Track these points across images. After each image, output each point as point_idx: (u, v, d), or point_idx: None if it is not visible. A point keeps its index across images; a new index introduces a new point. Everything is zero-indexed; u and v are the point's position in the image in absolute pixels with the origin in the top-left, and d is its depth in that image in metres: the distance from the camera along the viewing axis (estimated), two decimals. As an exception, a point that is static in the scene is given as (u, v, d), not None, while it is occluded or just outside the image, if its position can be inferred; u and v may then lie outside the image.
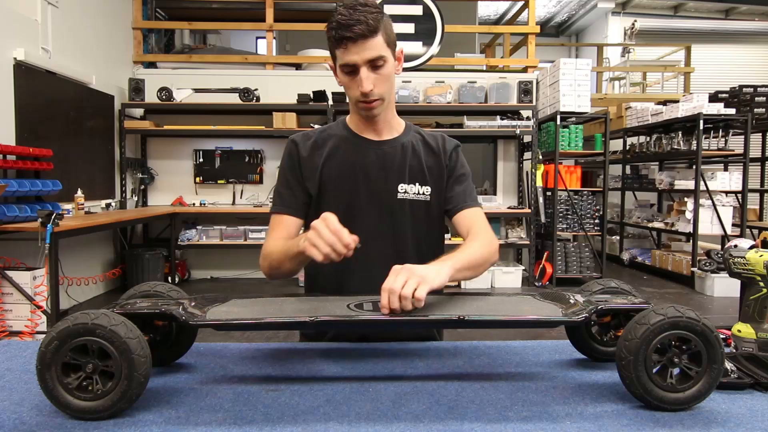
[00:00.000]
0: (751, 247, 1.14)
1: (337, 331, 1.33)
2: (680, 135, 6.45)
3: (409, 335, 1.34)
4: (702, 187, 6.02)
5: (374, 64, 1.23)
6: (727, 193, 6.26)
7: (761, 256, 1.10)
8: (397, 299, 0.95)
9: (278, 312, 0.98)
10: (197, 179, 6.47)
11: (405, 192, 1.34)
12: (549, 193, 6.26)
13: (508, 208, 6.42)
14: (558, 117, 6.03)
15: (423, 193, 1.36)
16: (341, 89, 1.33)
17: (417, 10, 6.31)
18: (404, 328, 1.40)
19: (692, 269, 6.02)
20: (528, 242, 6.30)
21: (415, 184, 1.35)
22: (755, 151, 7.00)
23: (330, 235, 1.04)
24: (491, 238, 1.31)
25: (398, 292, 0.95)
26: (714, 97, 7.06)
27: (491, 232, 1.34)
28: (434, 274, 1.02)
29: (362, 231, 1.27)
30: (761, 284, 1.10)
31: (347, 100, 1.31)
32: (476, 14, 9.27)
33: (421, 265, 1.04)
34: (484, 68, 6.92)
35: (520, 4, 8.52)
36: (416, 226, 1.36)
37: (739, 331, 1.11)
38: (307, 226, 1.38)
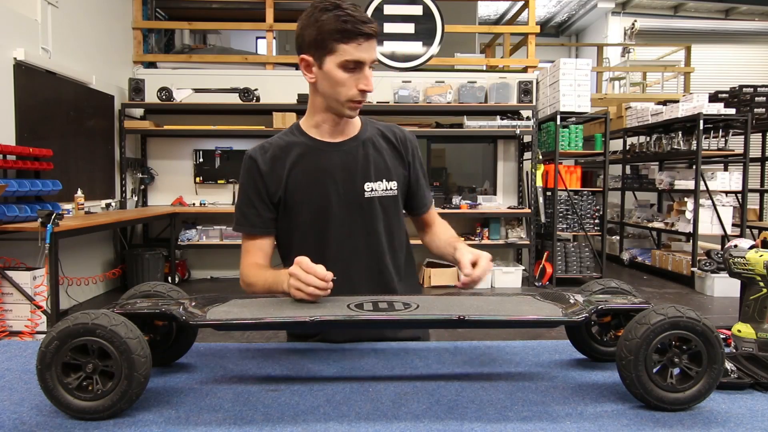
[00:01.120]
0: (751, 247, 1.14)
1: (326, 333, 1.33)
2: (680, 135, 6.45)
3: (399, 336, 1.35)
4: (702, 187, 6.02)
5: (371, 66, 1.24)
6: (727, 193, 6.26)
7: (761, 256, 1.10)
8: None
9: (278, 312, 0.98)
10: (197, 179, 6.47)
11: (372, 190, 1.34)
12: (549, 193, 6.26)
13: (508, 208, 6.42)
14: (558, 117, 6.03)
15: (391, 189, 1.36)
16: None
17: (417, 10, 6.31)
18: (404, 328, 1.40)
19: (692, 269, 6.02)
20: (528, 242, 6.30)
21: (381, 181, 1.35)
22: (755, 151, 7.00)
23: (308, 277, 1.07)
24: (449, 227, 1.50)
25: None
26: (714, 97, 7.06)
27: (445, 222, 1.51)
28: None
29: (336, 233, 1.30)
30: (761, 284, 1.10)
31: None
32: (476, 14, 9.27)
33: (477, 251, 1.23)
34: (484, 68, 6.92)
35: (520, 4, 8.53)
36: (387, 222, 1.37)
37: (739, 331, 1.11)
38: (280, 238, 1.40)
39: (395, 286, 1.38)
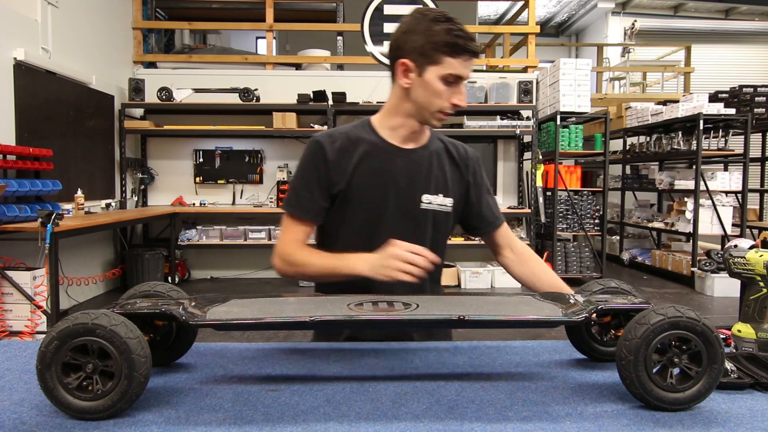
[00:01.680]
0: (751, 247, 1.14)
1: (353, 332, 1.33)
2: (680, 135, 6.45)
3: (425, 336, 1.34)
4: (702, 187, 6.02)
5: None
6: (727, 193, 6.26)
7: (761, 256, 1.10)
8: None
9: (278, 312, 0.98)
10: (197, 179, 6.47)
11: (429, 203, 1.34)
12: (549, 193, 6.26)
13: (508, 208, 6.41)
14: (558, 117, 6.03)
15: (446, 205, 1.36)
16: (341, 89, 1.33)
17: (417, 10, 6.30)
18: (404, 328, 1.40)
19: (692, 269, 6.02)
20: (528, 242, 6.30)
21: (438, 195, 1.35)
22: (755, 151, 7.00)
23: (415, 257, 1.13)
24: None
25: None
26: (714, 97, 7.06)
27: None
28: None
29: (386, 237, 1.28)
30: (761, 284, 1.09)
31: (352, 99, 1.28)
32: (476, 14, 9.27)
33: None
34: (484, 68, 6.92)
35: (520, 4, 8.52)
36: (436, 236, 1.37)
37: (739, 331, 1.11)
38: (326, 227, 1.36)
39: (427, 283, 1.38)
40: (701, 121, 5.91)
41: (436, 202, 1.35)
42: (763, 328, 1.09)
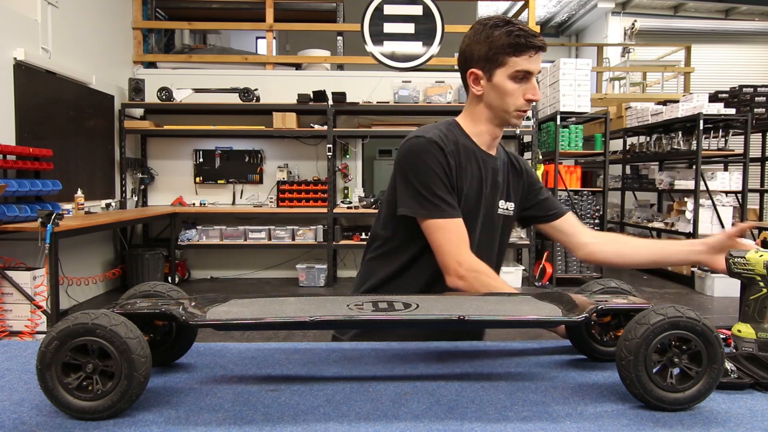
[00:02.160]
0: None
1: (378, 332, 1.34)
2: (680, 135, 6.45)
3: (455, 335, 1.34)
4: (702, 187, 6.02)
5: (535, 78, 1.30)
6: (727, 193, 6.26)
7: (761, 256, 1.09)
8: None
9: (278, 312, 0.98)
10: (197, 179, 6.47)
11: (505, 208, 1.41)
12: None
13: (508, 208, 6.41)
14: (558, 117, 6.03)
15: (510, 209, 1.43)
16: (341, 89, 1.34)
17: (417, 10, 6.31)
18: (403, 328, 1.40)
19: (692, 269, 6.02)
20: (528, 242, 6.30)
21: (506, 201, 1.42)
22: (755, 151, 7.00)
23: None
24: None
25: None
26: (714, 97, 7.06)
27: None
28: None
29: (476, 241, 1.33)
30: (761, 284, 1.09)
31: (352, 99, 1.30)
32: (476, 14, 9.27)
33: None
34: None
35: (520, 4, 8.52)
36: (503, 239, 1.43)
37: (739, 331, 1.11)
38: (411, 235, 1.31)
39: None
40: (701, 121, 5.91)
41: (505, 207, 1.41)
42: (763, 328, 1.09)
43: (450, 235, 1.25)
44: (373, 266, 1.42)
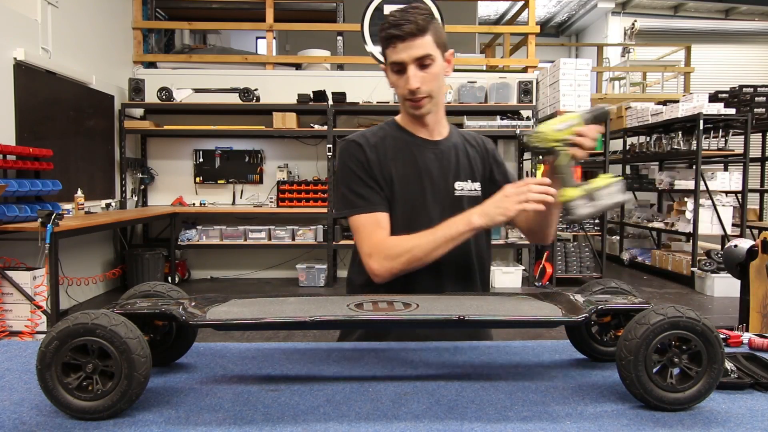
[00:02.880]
0: (751, 247, 1.15)
1: (384, 333, 1.34)
2: (680, 135, 6.45)
3: (459, 335, 1.34)
4: (702, 187, 6.02)
5: (422, 63, 1.27)
6: (727, 193, 6.26)
7: (548, 125, 1.19)
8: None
9: (278, 312, 0.98)
10: (197, 179, 6.47)
11: (461, 189, 1.40)
12: (549, 193, 6.25)
13: (508, 208, 6.41)
14: (558, 117, 6.03)
15: (476, 189, 1.42)
16: (341, 89, 1.36)
17: (417, 10, 6.30)
18: (403, 328, 1.40)
19: (692, 269, 6.02)
20: (528, 242, 6.30)
21: (467, 181, 1.41)
22: (755, 151, 7.00)
23: (532, 185, 1.17)
24: None
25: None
26: (714, 97, 7.06)
27: None
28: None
29: (426, 228, 1.30)
30: (560, 148, 1.18)
31: (351, 99, 1.33)
32: (476, 14, 9.27)
33: None
34: (484, 68, 6.92)
35: (520, 4, 8.52)
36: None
37: (563, 195, 1.18)
38: None
39: (478, 284, 1.41)
40: (701, 121, 5.91)
41: (467, 188, 1.40)
42: (577, 185, 1.18)
43: (363, 232, 1.31)
44: (351, 278, 1.46)
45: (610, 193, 1.15)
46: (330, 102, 6.05)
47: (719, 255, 5.73)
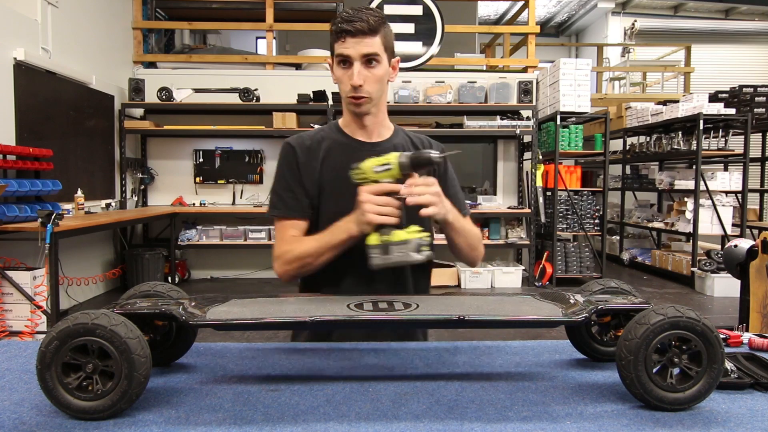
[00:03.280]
0: (751, 247, 1.14)
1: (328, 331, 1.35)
2: (680, 135, 6.45)
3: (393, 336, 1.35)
4: (702, 187, 6.02)
5: (368, 61, 1.27)
6: (727, 193, 6.26)
7: (368, 162, 1.16)
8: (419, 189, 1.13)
9: (278, 312, 0.98)
10: (197, 179, 6.47)
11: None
12: (549, 193, 6.26)
13: (508, 208, 6.42)
14: (558, 117, 6.03)
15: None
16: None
17: (417, 10, 6.31)
18: (403, 328, 1.41)
19: (692, 269, 6.02)
20: (528, 242, 6.30)
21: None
22: (755, 151, 7.01)
23: (388, 200, 1.14)
24: (481, 241, 1.45)
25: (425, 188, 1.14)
26: (714, 97, 7.06)
27: (479, 231, 1.47)
28: (448, 205, 1.22)
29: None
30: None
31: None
32: (476, 14, 9.27)
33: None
34: (484, 68, 6.92)
35: (520, 4, 8.53)
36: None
37: (368, 239, 1.15)
38: (311, 231, 1.38)
39: (410, 288, 1.40)
40: (701, 121, 5.91)
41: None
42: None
43: (277, 235, 1.37)
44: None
45: (402, 251, 1.10)
46: (330, 102, 6.05)
47: (719, 255, 5.73)
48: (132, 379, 0.81)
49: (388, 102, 6.08)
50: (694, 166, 6.12)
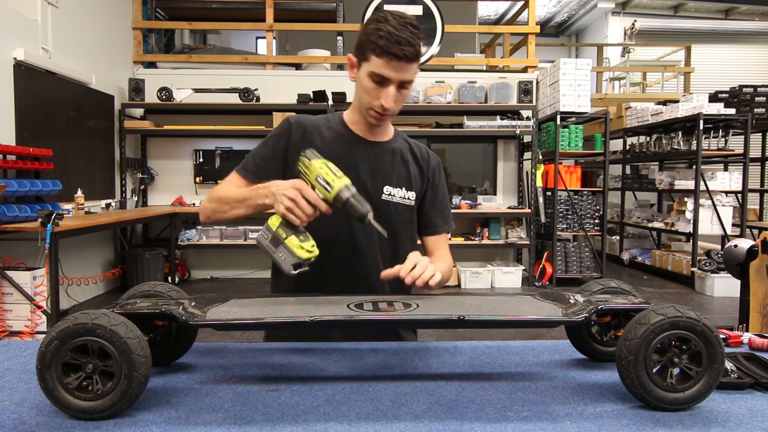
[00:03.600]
0: (751, 247, 1.14)
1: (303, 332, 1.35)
2: (680, 135, 6.45)
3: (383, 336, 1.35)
4: (702, 187, 6.02)
5: (403, 85, 1.25)
6: (727, 193, 6.26)
7: (321, 167, 1.12)
8: (413, 279, 1.11)
9: (278, 312, 0.98)
10: (197, 179, 6.47)
11: (390, 195, 1.37)
12: (549, 193, 6.26)
13: (508, 208, 6.42)
14: (558, 117, 6.03)
15: (408, 198, 1.40)
16: (341, 89, 1.34)
17: (417, 10, 6.31)
18: (403, 328, 1.41)
19: (692, 269, 6.02)
20: (528, 242, 6.30)
21: (401, 189, 1.38)
22: (755, 151, 7.01)
23: (306, 206, 1.09)
24: (451, 264, 1.45)
25: (419, 274, 1.12)
26: (714, 97, 7.06)
27: (450, 257, 1.47)
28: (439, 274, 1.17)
29: (347, 225, 1.31)
30: (317, 185, 1.12)
31: (350, 100, 1.31)
32: (476, 14, 9.27)
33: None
34: (484, 68, 6.92)
35: (520, 4, 8.53)
36: (402, 228, 1.40)
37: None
38: None
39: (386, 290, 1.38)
40: (701, 121, 5.91)
41: (399, 195, 1.38)
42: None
43: (227, 180, 1.35)
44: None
45: (283, 255, 1.10)
46: (330, 102, 6.04)
47: (719, 255, 5.73)
48: (132, 379, 0.81)
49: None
50: (694, 166, 6.12)
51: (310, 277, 1.30)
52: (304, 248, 1.10)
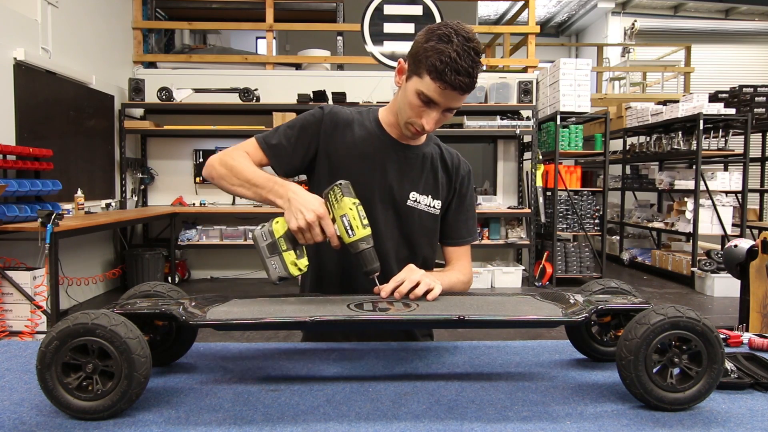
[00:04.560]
0: (751, 247, 1.14)
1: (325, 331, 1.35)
2: (680, 135, 6.45)
3: (394, 335, 1.35)
4: (702, 187, 6.02)
5: (448, 109, 1.22)
6: (727, 193, 6.26)
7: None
8: (406, 291, 1.11)
9: (278, 312, 0.98)
10: (197, 179, 6.46)
11: (416, 201, 1.35)
12: (549, 193, 6.26)
13: (508, 208, 6.41)
14: (558, 117, 6.03)
15: (433, 207, 1.38)
16: (341, 89, 1.34)
17: (417, 10, 6.31)
18: (404, 328, 1.41)
19: (692, 269, 6.02)
20: (528, 242, 6.30)
21: (427, 196, 1.37)
22: (755, 151, 7.01)
23: (318, 233, 1.11)
24: (471, 276, 1.44)
25: (410, 286, 1.11)
26: (714, 97, 7.06)
27: (471, 270, 1.45)
28: (440, 285, 1.15)
29: (372, 227, 1.28)
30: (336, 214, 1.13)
31: (350, 99, 1.30)
32: (476, 14, 9.27)
33: (426, 271, 1.18)
34: (484, 68, 6.92)
35: (520, 4, 8.53)
36: (424, 235, 1.38)
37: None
38: None
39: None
40: (701, 121, 5.91)
41: (424, 202, 1.36)
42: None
43: (245, 148, 1.31)
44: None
45: (275, 264, 1.11)
46: (330, 102, 6.04)
47: (719, 255, 5.73)
48: (132, 379, 0.81)
49: (388, 102, 6.12)
50: (694, 166, 6.12)
51: (332, 280, 1.35)
52: (298, 266, 1.11)
